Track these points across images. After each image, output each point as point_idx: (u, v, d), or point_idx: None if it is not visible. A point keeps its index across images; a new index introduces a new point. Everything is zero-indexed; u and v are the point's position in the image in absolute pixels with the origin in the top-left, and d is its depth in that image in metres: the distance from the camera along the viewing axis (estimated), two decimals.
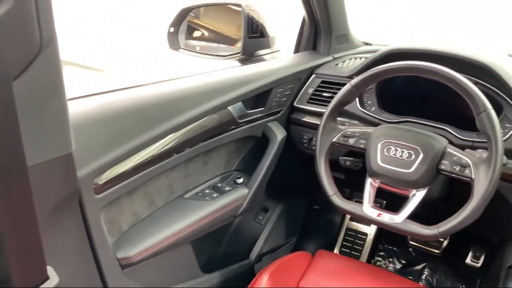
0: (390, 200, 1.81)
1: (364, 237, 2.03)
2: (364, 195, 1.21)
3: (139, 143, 1.09)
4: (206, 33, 1.74)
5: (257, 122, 1.47)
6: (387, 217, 1.14)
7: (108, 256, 1.09)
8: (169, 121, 1.17)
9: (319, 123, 1.28)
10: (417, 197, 1.15)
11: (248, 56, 1.60)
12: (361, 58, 1.63)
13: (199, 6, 1.63)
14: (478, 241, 1.81)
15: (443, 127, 1.34)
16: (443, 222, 1.08)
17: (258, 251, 1.74)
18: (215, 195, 1.36)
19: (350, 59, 1.65)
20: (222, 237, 1.59)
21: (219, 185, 1.42)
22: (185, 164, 1.29)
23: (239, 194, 1.41)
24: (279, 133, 1.50)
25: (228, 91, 1.32)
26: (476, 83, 1.29)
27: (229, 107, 1.33)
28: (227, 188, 1.41)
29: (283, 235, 1.89)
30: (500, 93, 1.27)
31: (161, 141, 1.16)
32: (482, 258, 1.79)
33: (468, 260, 1.81)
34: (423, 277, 1.96)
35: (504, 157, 1.12)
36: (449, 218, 1.08)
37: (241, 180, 1.45)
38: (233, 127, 1.38)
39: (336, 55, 1.71)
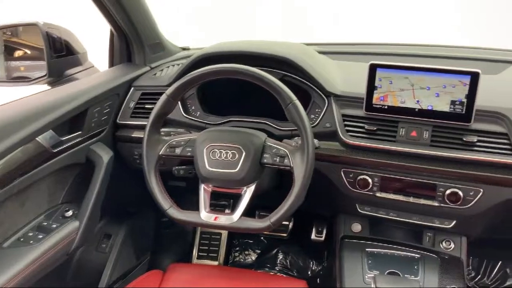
0: (235, 199, 1.86)
1: (219, 237, 2.05)
2: (200, 201, 1.20)
3: None
4: (29, 52, 1.55)
5: (77, 148, 1.35)
6: (224, 219, 1.16)
7: None
8: None
9: None
10: (248, 193, 1.19)
11: (57, 77, 1.47)
12: (178, 64, 1.62)
13: None
14: (319, 217, 1.96)
15: (263, 121, 1.41)
16: (273, 213, 1.13)
17: (107, 280, 1.63)
18: (40, 236, 1.22)
19: (168, 66, 1.64)
20: (63, 277, 1.45)
21: (45, 223, 1.28)
22: None
23: (70, 229, 1.29)
24: (104, 155, 1.41)
25: (34, 120, 1.18)
26: (284, 76, 1.39)
27: (37, 138, 1.20)
28: (54, 225, 1.27)
29: (133, 257, 1.80)
30: (307, 82, 1.38)
31: None
32: (325, 232, 1.94)
33: (313, 236, 1.95)
34: (278, 261, 2.07)
35: (316, 140, 1.22)
36: (278, 208, 1.13)
37: (70, 213, 1.33)
38: (48, 158, 1.25)
39: (153, 65, 1.67)
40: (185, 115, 1.45)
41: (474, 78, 1.17)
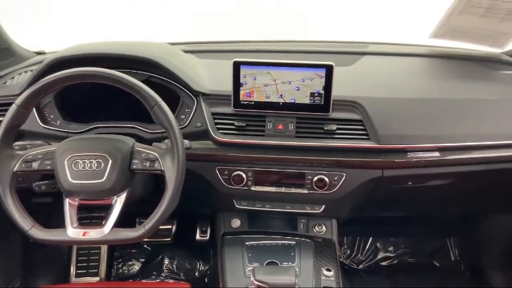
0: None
1: (98, 251, 1.93)
2: (65, 217, 1.11)
3: None
4: None
5: None
6: (94, 233, 1.09)
7: None
8: None
9: None
10: (119, 203, 1.13)
11: None
12: (32, 70, 1.48)
13: None
14: (202, 217, 1.95)
15: (132, 125, 1.35)
16: (147, 220, 1.09)
17: None
18: None
19: (20, 73, 1.49)
20: None
21: None
22: None
23: None
24: None
25: None
26: (150, 78, 1.35)
27: None
28: None
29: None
30: (174, 83, 1.35)
31: None
32: (209, 231, 1.94)
33: (198, 236, 1.93)
34: (164, 267, 2.01)
35: (186, 141, 1.21)
36: (152, 214, 1.09)
37: None
38: None
39: (2, 73, 1.51)
40: (42, 125, 1.33)
41: (329, 70, 1.25)
